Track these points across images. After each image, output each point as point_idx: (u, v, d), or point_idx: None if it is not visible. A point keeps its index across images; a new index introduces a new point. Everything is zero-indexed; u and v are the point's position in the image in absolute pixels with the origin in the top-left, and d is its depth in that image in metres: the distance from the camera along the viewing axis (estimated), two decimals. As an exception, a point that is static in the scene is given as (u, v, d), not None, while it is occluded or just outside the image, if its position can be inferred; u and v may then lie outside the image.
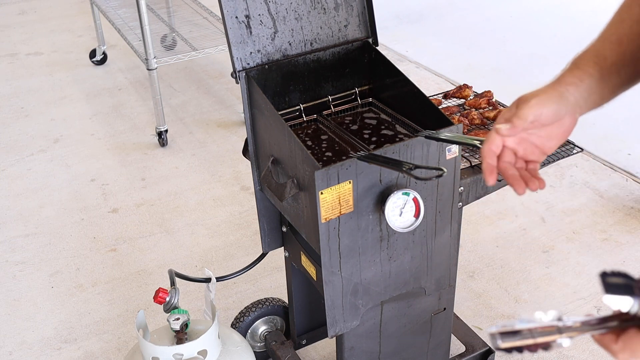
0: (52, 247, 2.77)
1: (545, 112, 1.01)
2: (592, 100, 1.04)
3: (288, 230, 1.80)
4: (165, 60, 3.42)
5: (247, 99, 1.60)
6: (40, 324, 2.40)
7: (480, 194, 1.72)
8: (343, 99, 1.77)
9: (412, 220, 1.50)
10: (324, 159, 1.60)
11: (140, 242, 2.79)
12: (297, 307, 2.02)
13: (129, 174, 3.26)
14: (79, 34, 4.94)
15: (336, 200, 1.41)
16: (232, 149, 3.44)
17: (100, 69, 4.39)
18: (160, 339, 1.71)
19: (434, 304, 1.79)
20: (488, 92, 2.03)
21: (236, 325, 2.08)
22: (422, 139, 1.47)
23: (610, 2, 1.27)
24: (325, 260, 1.48)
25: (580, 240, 2.71)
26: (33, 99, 4.04)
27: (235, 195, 3.06)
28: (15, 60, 4.58)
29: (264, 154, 1.65)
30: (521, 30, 4.79)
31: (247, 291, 2.49)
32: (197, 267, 2.63)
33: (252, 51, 1.60)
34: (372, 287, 1.60)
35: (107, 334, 2.34)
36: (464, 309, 2.38)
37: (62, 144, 3.55)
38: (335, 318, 1.58)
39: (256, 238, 2.74)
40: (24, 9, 5.45)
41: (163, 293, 1.68)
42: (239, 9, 1.56)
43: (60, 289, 2.56)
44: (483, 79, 4.06)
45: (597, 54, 1.04)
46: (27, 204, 3.07)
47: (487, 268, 2.58)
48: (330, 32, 1.69)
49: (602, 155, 3.26)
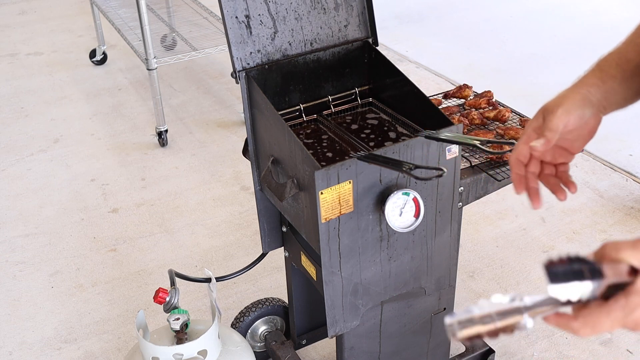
0: (52, 247, 2.77)
1: (572, 119, 1.01)
2: (615, 101, 1.04)
3: (288, 230, 1.80)
4: (165, 60, 3.42)
5: (247, 99, 1.60)
6: (40, 324, 2.40)
7: (480, 194, 1.72)
8: (343, 99, 1.77)
9: (412, 220, 1.50)
10: (324, 159, 1.60)
11: (140, 242, 2.79)
12: (297, 307, 2.02)
13: (129, 174, 3.26)
14: (79, 34, 4.94)
15: (336, 200, 1.41)
16: (232, 149, 3.44)
17: (100, 69, 4.39)
18: (160, 339, 1.71)
19: (434, 304, 1.79)
20: (488, 92, 2.03)
21: (236, 325, 2.08)
22: (422, 139, 1.47)
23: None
24: (325, 260, 1.48)
25: (580, 240, 2.71)
26: (33, 99, 4.04)
27: (235, 195, 3.06)
28: (15, 60, 4.58)
29: (264, 154, 1.65)
30: (521, 30, 4.79)
31: (247, 291, 2.49)
32: (197, 267, 2.63)
33: (252, 51, 1.60)
34: (372, 287, 1.60)
35: (107, 334, 2.34)
36: (464, 309, 2.38)
37: (62, 144, 3.55)
38: (335, 318, 1.58)
39: (256, 238, 2.74)
40: (24, 9, 5.45)
41: (163, 293, 1.68)
42: (239, 9, 1.56)
43: (60, 289, 2.56)
44: (483, 79, 4.06)
45: (621, 56, 1.05)
46: (27, 204, 3.07)
47: (487, 268, 2.58)
48: (330, 32, 1.69)
49: (602, 155, 3.26)
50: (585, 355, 2.20)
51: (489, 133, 1.82)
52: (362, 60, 1.75)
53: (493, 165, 1.71)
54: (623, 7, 4.99)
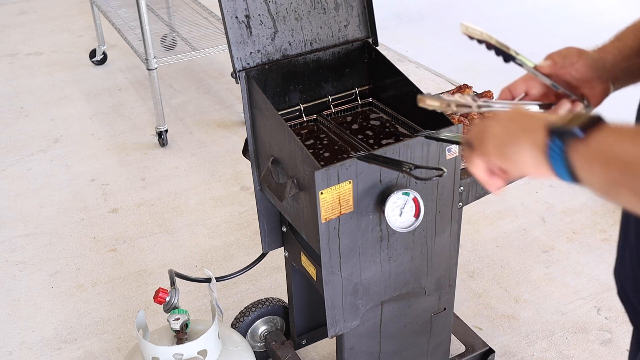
0: (52, 247, 2.77)
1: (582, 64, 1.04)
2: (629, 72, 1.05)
3: (288, 230, 1.80)
4: (165, 60, 3.42)
5: (247, 99, 1.60)
6: (40, 324, 2.40)
7: (480, 194, 1.72)
8: (343, 99, 1.77)
9: (412, 220, 1.50)
10: (324, 159, 1.60)
11: (140, 242, 2.79)
12: (297, 307, 2.02)
13: (129, 174, 3.26)
14: (79, 34, 4.94)
15: (336, 200, 1.41)
16: (232, 149, 3.44)
17: (100, 69, 4.39)
18: (160, 339, 1.71)
19: (434, 304, 1.79)
20: (488, 92, 2.02)
21: (236, 325, 2.08)
22: (422, 139, 1.47)
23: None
24: (325, 260, 1.48)
25: (580, 240, 2.71)
26: (33, 99, 4.04)
27: (235, 195, 3.06)
28: (15, 60, 4.58)
29: (264, 154, 1.65)
30: (521, 30, 4.79)
31: (247, 291, 2.49)
32: (197, 267, 2.63)
33: (252, 51, 1.60)
34: (372, 287, 1.60)
35: (107, 334, 2.34)
36: (464, 309, 2.38)
37: (62, 144, 3.55)
38: (335, 318, 1.58)
39: (256, 238, 2.74)
40: (24, 9, 5.45)
41: (163, 293, 1.67)
42: (239, 9, 1.56)
43: (60, 289, 2.56)
44: (483, 79, 4.05)
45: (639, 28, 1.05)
46: (27, 204, 3.07)
47: (487, 268, 2.58)
48: (330, 32, 1.69)
49: (602, 155, 3.25)
50: (585, 355, 2.20)
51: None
52: (362, 60, 1.75)
53: (493, 165, 1.71)
54: (623, 7, 4.99)
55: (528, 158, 0.80)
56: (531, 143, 0.79)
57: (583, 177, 0.75)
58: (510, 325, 2.33)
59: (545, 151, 0.77)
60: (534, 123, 0.80)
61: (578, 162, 0.75)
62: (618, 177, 0.70)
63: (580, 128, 0.73)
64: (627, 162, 0.68)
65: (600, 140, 0.72)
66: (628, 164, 0.68)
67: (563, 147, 0.75)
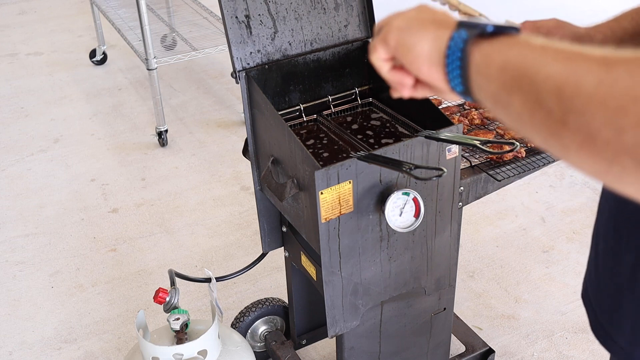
0: (52, 247, 2.77)
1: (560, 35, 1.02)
2: None
3: (288, 230, 1.80)
4: (165, 60, 3.42)
5: (247, 99, 1.60)
6: (40, 324, 2.40)
7: (480, 194, 1.72)
8: (343, 99, 1.77)
9: (412, 220, 1.50)
10: (324, 159, 1.60)
11: (140, 242, 2.79)
12: (297, 307, 2.02)
13: (129, 174, 3.26)
14: (79, 34, 4.94)
15: (336, 200, 1.41)
16: (232, 149, 3.44)
17: (100, 69, 4.39)
18: (160, 339, 1.71)
19: (434, 304, 1.79)
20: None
21: (236, 325, 2.08)
22: (422, 139, 1.47)
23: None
24: (325, 260, 1.48)
25: (580, 240, 2.71)
26: (33, 99, 4.04)
27: (235, 195, 3.06)
28: (15, 60, 4.58)
29: (264, 154, 1.65)
30: (521, 30, 4.79)
31: (247, 291, 2.49)
32: (197, 267, 2.63)
33: (252, 51, 1.60)
34: (372, 287, 1.60)
35: (107, 334, 2.34)
36: (464, 309, 2.38)
37: (62, 144, 3.55)
38: (335, 318, 1.58)
39: (256, 238, 2.74)
40: (24, 9, 5.45)
41: (163, 293, 1.68)
42: (239, 9, 1.56)
43: (60, 289, 2.56)
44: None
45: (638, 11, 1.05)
46: (27, 204, 3.07)
47: (487, 268, 2.58)
48: (330, 32, 1.69)
49: (602, 155, 3.25)
50: (585, 355, 2.20)
51: (489, 133, 1.82)
52: (362, 60, 1.74)
53: (493, 165, 1.72)
54: (623, 8, 4.99)
55: (426, 48, 0.73)
56: (435, 33, 0.72)
57: (475, 79, 0.67)
58: (510, 325, 2.33)
59: (447, 43, 0.70)
60: (449, 20, 0.74)
61: (475, 59, 0.67)
62: (513, 83, 0.62)
63: (494, 26, 0.67)
64: (527, 66, 0.61)
65: (508, 41, 0.65)
66: (528, 68, 0.61)
67: (467, 38, 0.68)
